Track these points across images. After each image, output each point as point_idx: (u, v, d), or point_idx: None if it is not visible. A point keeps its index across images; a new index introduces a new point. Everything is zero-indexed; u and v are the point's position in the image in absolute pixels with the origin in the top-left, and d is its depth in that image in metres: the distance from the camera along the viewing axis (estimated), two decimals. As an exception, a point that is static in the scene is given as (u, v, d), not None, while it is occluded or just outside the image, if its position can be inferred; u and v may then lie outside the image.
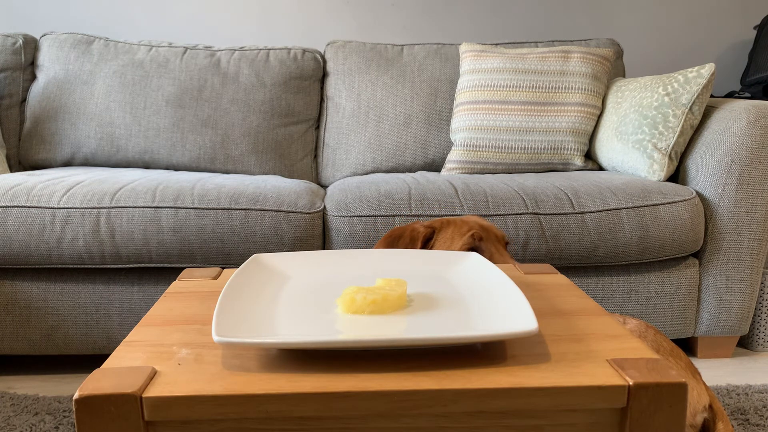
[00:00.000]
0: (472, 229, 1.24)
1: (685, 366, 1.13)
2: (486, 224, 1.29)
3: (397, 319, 0.66)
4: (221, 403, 0.53)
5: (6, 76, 2.19)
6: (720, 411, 1.16)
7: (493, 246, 1.22)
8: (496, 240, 1.24)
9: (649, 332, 1.14)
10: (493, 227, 1.29)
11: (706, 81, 1.79)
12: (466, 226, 1.26)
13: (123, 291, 1.62)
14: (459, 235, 1.23)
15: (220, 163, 2.17)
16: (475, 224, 1.27)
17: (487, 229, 1.26)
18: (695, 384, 1.10)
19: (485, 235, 1.23)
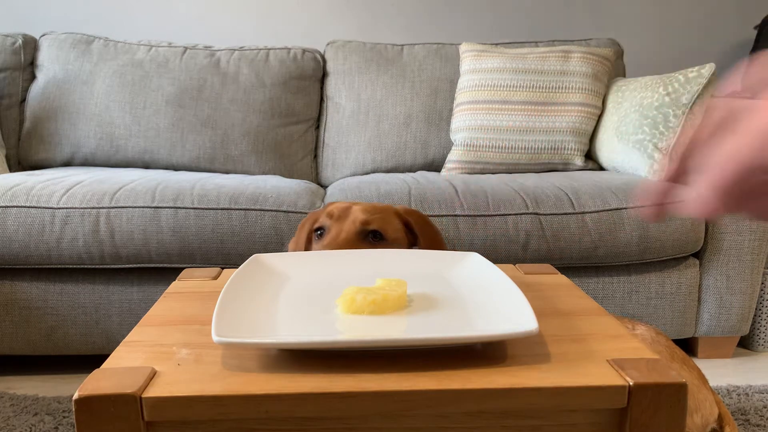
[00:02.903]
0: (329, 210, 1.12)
1: (698, 376, 1.13)
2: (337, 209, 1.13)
3: (397, 319, 0.66)
4: (221, 403, 0.53)
5: (5, 76, 2.19)
6: (726, 415, 1.17)
7: (335, 229, 1.09)
8: (351, 223, 1.09)
9: (661, 339, 1.14)
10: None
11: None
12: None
13: (123, 291, 1.62)
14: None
15: (220, 163, 2.17)
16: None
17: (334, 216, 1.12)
18: (708, 394, 1.11)
19: (336, 215, 1.10)
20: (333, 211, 1.09)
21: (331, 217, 1.08)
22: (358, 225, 1.05)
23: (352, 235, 1.04)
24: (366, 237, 1.05)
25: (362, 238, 1.05)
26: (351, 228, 1.05)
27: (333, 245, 1.02)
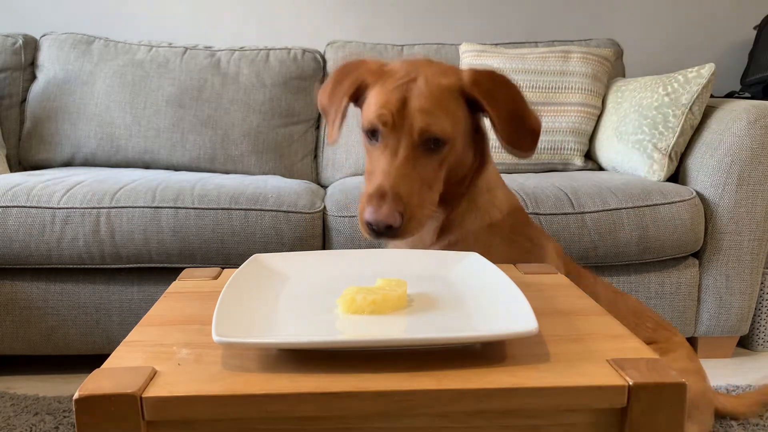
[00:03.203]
0: (383, 107, 0.93)
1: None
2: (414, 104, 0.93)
3: (397, 319, 0.66)
4: (221, 403, 0.53)
5: (6, 76, 2.19)
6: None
7: (392, 141, 0.93)
8: (408, 134, 0.92)
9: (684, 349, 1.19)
10: (416, 115, 0.92)
11: (706, 81, 1.79)
12: (387, 93, 0.94)
13: (123, 291, 1.62)
14: (372, 105, 0.95)
15: (220, 164, 2.17)
16: (392, 96, 0.93)
17: (400, 114, 0.93)
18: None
19: (391, 121, 0.93)
20: (388, 106, 0.92)
21: (386, 119, 0.92)
22: (416, 137, 0.92)
23: (410, 151, 0.92)
24: (426, 147, 0.93)
25: (422, 152, 0.93)
26: (409, 142, 0.92)
27: (391, 169, 0.90)
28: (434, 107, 0.93)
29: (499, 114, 0.95)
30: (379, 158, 0.93)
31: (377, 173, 0.92)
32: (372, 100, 0.95)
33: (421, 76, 0.95)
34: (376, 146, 0.94)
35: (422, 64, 0.98)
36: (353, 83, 0.99)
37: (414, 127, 0.92)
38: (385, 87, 0.94)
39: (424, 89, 0.93)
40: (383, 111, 0.92)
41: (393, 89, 0.93)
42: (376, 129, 0.94)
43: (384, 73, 0.98)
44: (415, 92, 0.93)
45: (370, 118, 0.94)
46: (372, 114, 0.94)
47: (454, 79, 0.96)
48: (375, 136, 0.95)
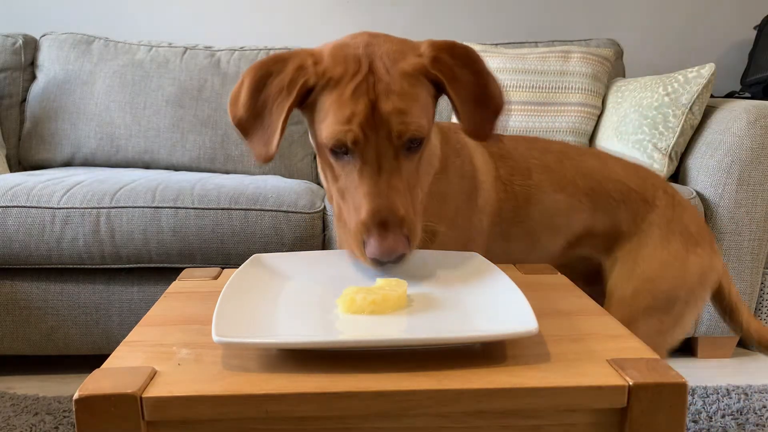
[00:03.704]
0: (349, 122, 0.77)
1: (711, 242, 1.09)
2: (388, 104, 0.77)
3: (397, 319, 0.66)
4: (221, 403, 0.53)
5: (6, 76, 2.19)
6: (740, 304, 1.15)
7: (370, 154, 0.77)
8: (387, 142, 0.78)
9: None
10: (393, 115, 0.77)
11: (706, 81, 1.79)
12: (351, 106, 0.77)
13: (123, 291, 1.62)
14: (337, 118, 0.78)
15: (220, 163, 2.17)
16: (360, 102, 0.77)
17: (379, 121, 0.77)
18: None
19: (363, 137, 0.77)
20: (356, 119, 0.77)
21: (356, 137, 0.77)
22: (397, 143, 0.78)
23: (393, 161, 0.78)
24: (406, 150, 0.80)
25: (403, 156, 0.79)
26: (390, 151, 0.78)
27: (380, 187, 0.77)
28: (408, 103, 0.78)
29: (460, 96, 0.82)
30: (357, 176, 0.78)
31: (361, 195, 0.77)
32: (330, 113, 0.78)
33: (377, 63, 0.79)
34: (349, 162, 0.79)
35: (370, 44, 0.81)
36: (293, 86, 0.80)
37: (393, 133, 0.77)
38: (342, 93, 0.77)
39: (391, 83, 0.78)
40: (352, 128, 0.76)
41: (353, 95, 0.77)
42: (344, 147, 0.78)
43: (329, 70, 0.79)
44: (382, 90, 0.77)
45: (336, 137, 0.77)
46: (336, 131, 0.77)
47: (415, 60, 0.81)
48: (344, 151, 0.79)
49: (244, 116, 0.83)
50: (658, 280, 1.03)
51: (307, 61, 0.81)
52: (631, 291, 1.03)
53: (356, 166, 0.78)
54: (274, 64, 0.82)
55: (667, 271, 1.03)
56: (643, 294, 1.03)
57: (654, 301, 1.03)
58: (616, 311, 1.01)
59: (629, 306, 1.03)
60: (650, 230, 1.05)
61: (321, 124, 0.80)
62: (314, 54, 0.82)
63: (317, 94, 0.81)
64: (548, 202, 1.04)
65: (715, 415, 1.44)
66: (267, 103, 0.83)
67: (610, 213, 1.06)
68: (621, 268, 1.06)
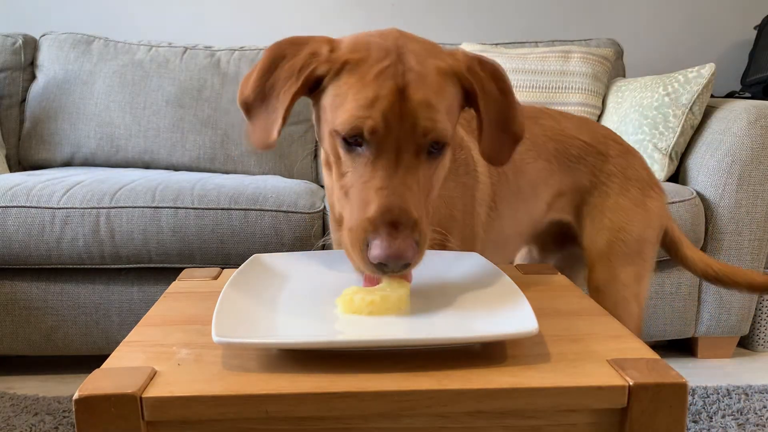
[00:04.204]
0: (371, 106, 0.68)
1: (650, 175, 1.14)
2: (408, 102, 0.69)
3: (397, 319, 0.66)
4: (221, 403, 0.53)
5: (6, 76, 2.19)
6: (682, 237, 1.20)
7: (389, 147, 0.69)
8: (410, 136, 0.69)
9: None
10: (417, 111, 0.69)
11: (707, 81, 1.79)
12: (369, 92, 0.69)
13: (123, 291, 1.62)
14: (349, 107, 0.70)
15: (220, 163, 2.17)
16: (380, 97, 0.68)
17: (395, 118, 0.68)
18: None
19: (384, 125, 0.68)
20: (380, 104, 0.68)
21: (377, 124, 0.68)
22: (421, 140, 0.70)
23: (413, 159, 0.70)
24: (427, 152, 0.72)
25: (423, 158, 0.71)
26: (411, 147, 0.69)
27: (395, 184, 0.68)
28: (438, 99, 0.71)
29: (488, 112, 0.77)
30: (368, 170, 0.69)
31: (372, 190, 0.68)
32: (349, 96, 0.70)
33: (409, 55, 0.72)
34: (362, 155, 0.70)
35: (400, 38, 0.74)
36: (301, 73, 0.73)
37: (418, 127, 0.68)
38: (364, 76, 0.70)
39: (423, 74, 0.70)
40: (372, 114, 0.68)
41: (378, 77, 0.69)
42: (360, 134, 0.69)
43: (345, 55, 0.72)
44: (413, 78, 0.69)
45: (353, 123, 0.68)
46: (354, 116, 0.68)
47: (450, 61, 0.75)
48: (357, 142, 0.70)
49: (251, 97, 0.77)
50: (626, 228, 1.08)
51: (322, 47, 0.74)
52: (605, 243, 1.08)
53: (369, 159, 0.69)
54: (289, 47, 0.76)
55: (632, 218, 1.08)
56: (617, 244, 1.07)
57: (627, 248, 1.08)
58: (598, 267, 1.08)
59: (607, 258, 1.08)
60: (609, 181, 1.09)
61: (335, 110, 0.71)
62: (332, 41, 0.75)
63: (330, 81, 0.73)
64: (532, 172, 1.06)
65: (716, 416, 1.44)
66: (275, 87, 0.76)
67: (572, 170, 1.09)
68: (590, 224, 1.10)
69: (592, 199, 1.09)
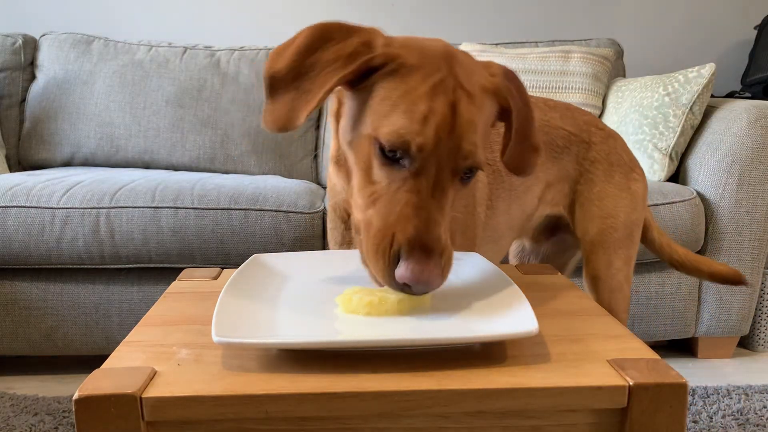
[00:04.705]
0: (425, 121, 0.65)
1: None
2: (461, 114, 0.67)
3: (397, 319, 0.66)
4: (221, 404, 0.53)
5: (5, 76, 2.19)
6: (652, 221, 1.24)
7: (432, 166, 0.66)
8: (452, 158, 0.67)
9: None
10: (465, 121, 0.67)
11: (707, 81, 1.79)
12: (427, 101, 0.66)
13: (123, 291, 1.62)
14: (407, 109, 0.66)
15: (220, 163, 2.17)
16: (436, 105, 0.66)
17: (445, 132, 0.66)
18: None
19: (434, 143, 0.65)
20: (434, 119, 0.65)
21: (428, 141, 0.65)
22: (461, 164, 0.68)
23: (450, 183, 0.68)
24: (460, 177, 0.70)
25: (458, 182, 0.70)
26: (451, 170, 0.67)
27: (432, 208, 0.66)
28: (480, 121, 0.68)
29: (517, 126, 0.75)
30: (407, 186, 0.66)
31: (410, 208, 0.65)
32: (400, 106, 0.66)
33: (458, 68, 0.68)
34: (399, 169, 0.67)
35: (448, 47, 0.71)
36: (354, 59, 0.68)
37: (462, 150, 0.66)
38: (418, 86, 0.66)
39: (471, 92, 0.68)
40: (425, 131, 0.65)
41: (433, 91, 0.66)
42: (406, 150, 0.66)
43: (402, 55, 0.68)
44: (462, 97, 0.67)
45: (404, 137, 0.65)
46: (404, 131, 0.65)
47: (492, 78, 0.73)
48: (397, 156, 0.67)
49: (283, 71, 0.69)
50: (614, 214, 1.10)
51: (377, 39, 0.70)
52: (597, 231, 1.10)
53: (408, 175, 0.66)
54: (338, 31, 0.72)
55: (618, 203, 1.10)
56: (607, 231, 1.10)
57: (618, 234, 1.10)
58: (594, 256, 1.10)
59: (602, 247, 1.10)
60: (593, 168, 1.11)
61: (381, 117, 0.67)
62: (385, 36, 0.71)
63: (380, 79, 0.69)
64: None
65: (716, 416, 1.44)
66: (315, 67, 0.69)
67: (558, 161, 1.10)
68: (580, 212, 1.11)
69: (579, 187, 1.11)
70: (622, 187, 1.11)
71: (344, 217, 0.92)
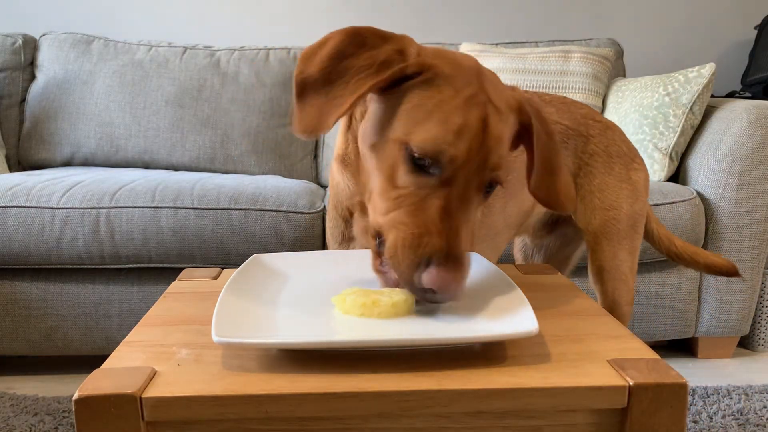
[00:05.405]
0: (460, 133, 0.66)
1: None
2: (494, 131, 0.68)
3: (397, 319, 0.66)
4: (221, 404, 0.53)
5: (5, 76, 2.19)
6: (650, 212, 1.24)
7: (462, 179, 0.68)
8: (480, 172, 0.69)
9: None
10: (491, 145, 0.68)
11: (707, 81, 1.78)
12: (460, 115, 0.67)
13: (122, 291, 1.62)
14: (437, 123, 0.67)
15: (220, 163, 2.17)
16: (471, 119, 0.67)
17: (474, 148, 0.67)
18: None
19: (466, 156, 0.67)
20: (468, 133, 0.67)
21: (460, 153, 0.66)
22: (487, 178, 0.70)
23: (476, 194, 0.70)
24: (484, 190, 0.71)
25: (480, 195, 0.71)
26: (478, 183, 0.69)
27: (461, 220, 0.67)
28: (507, 135, 0.71)
29: (539, 150, 0.76)
30: (438, 195, 0.67)
31: (439, 218, 0.66)
32: (434, 116, 0.67)
33: (487, 83, 0.70)
34: (428, 177, 0.68)
35: (476, 61, 0.73)
36: (388, 67, 0.68)
37: (489, 162, 0.68)
38: (453, 98, 0.68)
39: (500, 107, 0.70)
40: (459, 143, 0.66)
41: (468, 103, 0.67)
42: (438, 160, 0.66)
43: (436, 66, 0.69)
44: (493, 111, 0.69)
45: (439, 148, 0.66)
46: (440, 141, 0.66)
47: (514, 94, 0.75)
48: (427, 164, 0.67)
49: (314, 75, 0.69)
50: (617, 206, 1.10)
51: (411, 48, 0.70)
52: (599, 223, 1.10)
53: (438, 183, 0.67)
54: (372, 37, 0.71)
55: (620, 194, 1.10)
56: (610, 223, 1.10)
57: (621, 225, 1.10)
58: (598, 249, 1.11)
59: (606, 239, 1.11)
60: (592, 161, 1.11)
61: (414, 123, 0.68)
62: (417, 45, 0.72)
63: (414, 86, 0.69)
64: (520, 165, 1.05)
65: (716, 416, 1.44)
66: (346, 73, 0.69)
67: None
68: (582, 205, 1.11)
69: (578, 180, 1.11)
70: (622, 179, 1.11)
71: (346, 216, 0.92)
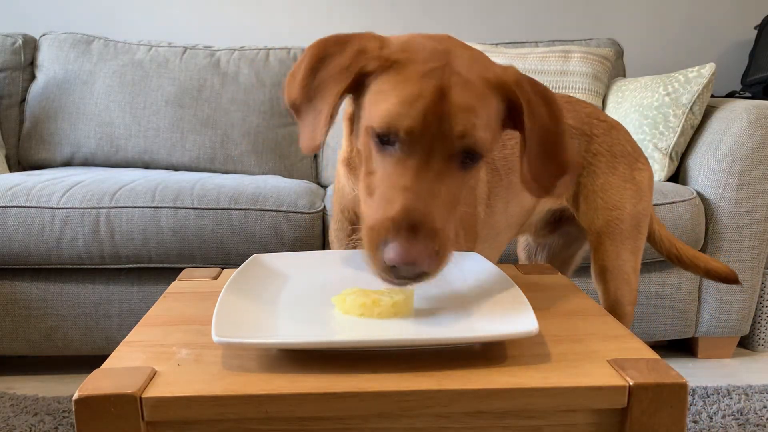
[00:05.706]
0: (411, 103, 0.66)
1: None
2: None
3: (397, 319, 0.66)
4: (221, 404, 0.52)
5: (5, 76, 2.19)
6: (653, 213, 1.24)
7: (421, 148, 0.66)
8: (444, 140, 0.66)
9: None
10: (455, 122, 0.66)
11: (707, 81, 1.78)
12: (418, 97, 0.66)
13: (122, 291, 1.62)
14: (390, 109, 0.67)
15: (220, 163, 2.17)
16: (424, 96, 0.66)
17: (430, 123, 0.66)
18: None
19: (422, 124, 0.65)
20: (419, 101, 0.66)
21: (414, 122, 0.65)
22: (456, 145, 0.67)
23: (443, 164, 0.67)
24: (460, 161, 0.69)
25: (454, 166, 0.68)
26: (444, 152, 0.67)
27: (421, 187, 0.65)
28: (480, 106, 0.68)
29: (533, 134, 0.73)
30: (398, 170, 0.67)
31: (397, 189, 0.65)
32: (391, 94, 0.68)
33: (457, 60, 0.69)
34: (392, 154, 0.67)
35: (451, 43, 0.72)
36: (349, 70, 0.70)
37: (454, 131, 0.66)
38: (409, 75, 0.67)
39: (469, 79, 0.68)
40: (411, 112, 0.65)
41: (422, 77, 0.67)
42: (395, 132, 0.66)
43: (396, 54, 0.70)
44: (457, 82, 0.67)
45: (391, 120, 0.66)
46: (392, 113, 0.66)
47: (500, 72, 0.72)
48: (391, 141, 0.67)
49: (298, 98, 0.73)
50: (620, 206, 1.10)
51: (370, 44, 0.71)
52: (603, 223, 1.10)
53: (400, 159, 0.67)
54: (333, 46, 0.73)
55: (624, 194, 1.10)
56: (613, 223, 1.10)
57: (624, 225, 1.10)
58: (601, 248, 1.10)
59: (609, 239, 1.10)
60: (596, 160, 1.10)
61: (374, 107, 0.69)
62: (381, 39, 0.73)
63: (375, 78, 0.70)
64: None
65: (716, 416, 1.44)
66: (321, 86, 0.72)
67: None
68: (585, 205, 1.11)
69: (582, 179, 1.10)
70: (626, 178, 1.10)
71: (352, 219, 0.92)
